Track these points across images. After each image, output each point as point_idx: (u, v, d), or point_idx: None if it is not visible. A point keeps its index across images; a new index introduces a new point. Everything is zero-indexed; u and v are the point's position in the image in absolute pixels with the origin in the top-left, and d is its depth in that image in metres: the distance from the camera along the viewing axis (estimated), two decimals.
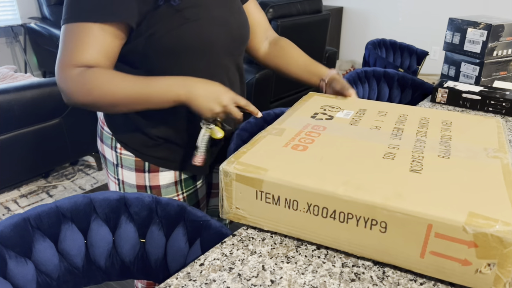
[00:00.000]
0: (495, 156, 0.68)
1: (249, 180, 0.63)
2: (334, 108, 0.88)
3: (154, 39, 0.79)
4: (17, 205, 2.21)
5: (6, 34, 3.87)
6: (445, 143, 0.72)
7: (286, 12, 2.67)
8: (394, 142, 0.72)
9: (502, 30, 1.39)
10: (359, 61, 4.42)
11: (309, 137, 0.73)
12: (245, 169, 0.63)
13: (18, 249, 0.66)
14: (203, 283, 0.57)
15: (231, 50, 0.90)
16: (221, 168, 0.64)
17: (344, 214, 0.58)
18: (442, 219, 0.52)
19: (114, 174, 0.97)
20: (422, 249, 0.55)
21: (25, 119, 2.10)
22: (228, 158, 0.67)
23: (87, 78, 0.74)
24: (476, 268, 0.52)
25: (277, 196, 0.62)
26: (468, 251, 0.52)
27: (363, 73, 1.51)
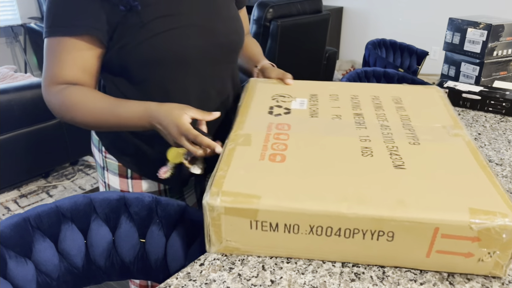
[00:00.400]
0: (455, 134, 0.73)
1: (242, 212, 0.57)
2: (285, 97, 0.84)
3: (125, 52, 0.77)
4: (17, 205, 2.21)
5: (6, 34, 3.87)
6: (408, 126, 0.75)
7: (286, 12, 2.67)
8: (362, 133, 0.73)
9: (502, 30, 1.39)
10: (359, 61, 4.41)
11: (279, 141, 0.69)
12: (235, 200, 0.57)
13: (18, 249, 0.66)
14: (203, 283, 0.57)
15: (218, 58, 0.86)
16: (205, 203, 0.57)
17: (350, 230, 0.56)
18: (448, 222, 0.54)
19: (102, 177, 0.97)
20: (428, 250, 0.57)
21: (25, 119, 2.10)
22: (207, 187, 0.59)
23: (64, 98, 0.77)
24: (478, 258, 0.56)
25: (275, 223, 0.57)
26: (471, 245, 0.55)
27: (363, 73, 1.51)
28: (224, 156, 0.66)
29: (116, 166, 0.92)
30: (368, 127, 0.74)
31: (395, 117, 0.78)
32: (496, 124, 1.13)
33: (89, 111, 0.77)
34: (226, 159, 0.65)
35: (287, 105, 0.81)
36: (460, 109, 1.24)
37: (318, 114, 0.79)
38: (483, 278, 0.58)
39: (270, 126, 0.74)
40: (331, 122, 0.76)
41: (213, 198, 0.57)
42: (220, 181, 0.59)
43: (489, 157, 0.93)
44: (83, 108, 0.76)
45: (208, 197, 0.57)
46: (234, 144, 0.68)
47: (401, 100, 0.86)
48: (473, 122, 1.14)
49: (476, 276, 0.59)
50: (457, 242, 0.55)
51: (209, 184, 0.60)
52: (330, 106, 0.81)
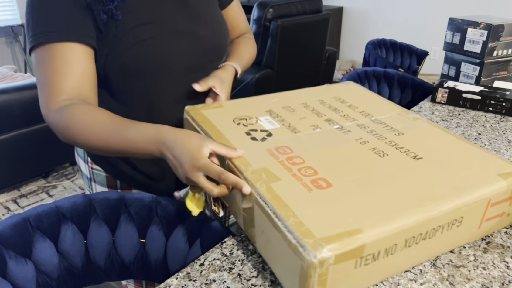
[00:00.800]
0: (414, 118, 0.80)
1: (350, 254, 0.49)
2: (247, 119, 0.77)
3: (109, 59, 0.74)
4: (17, 205, 2.21)
5: (6, 34, 3.87)
6: (377, 121, 0.78)
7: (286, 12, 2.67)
8: (353, 136, 0.72)
9: (502, 30, 1.39)
10: (359, 61, 4.41)
11: (299, 165, 0.63)
12: (341, 243, 0.48)
13: (18, 249, 0.66)
14: (203, 283, 0.57)
15: (202, 64, 0.84)
16: (310, 261, 0.47)
17: (434, 229, 0.57)
18: (496, 191, 0.61)
19: (89, 188, 0.94)
20: (481, 221, 0.63)
21: (25, 119, 2.10)
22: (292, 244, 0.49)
23: (66, 118, 0.68)
24: (508, 213, 0.66)
25: (378, 251, 0.52)
26: (505, 204, 0.64)
27: (363, 73, 1.51)
28: (268, 200, 0.55)
29: (104, 177, 0.89)
30: (351, 130, 0.74)
31: (359, 116, 0.80)
32: (496, 124, 1.13)
33: (95, 134, 0.67)
34: (275, 202, 0.54)
35: (259, 127, 0.74)
36: (460, 109, 1.24)
37: (297, 129, 0.75)
38: (483, 278, 0.58)
39: (272, 153, 0.66)
40: (320, 134, 0.73)
41: (318, 251, 0.47)
42: (303, 229, 0.50)
43: None
44: (88, 130, 0.67)
45: (309, 253, 0.47)
46: (262, 183, 0.58)
47: (344, 100, 0.88)
48: (473, 122, 1.14)
49: (476, 276, 0.59)
50: (498, 206, 0.63)
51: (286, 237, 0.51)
52: (297, 118, 0.78)
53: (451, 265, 0.61)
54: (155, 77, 0.78)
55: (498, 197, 0.61)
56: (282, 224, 0.51)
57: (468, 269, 0.60)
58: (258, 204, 0.57)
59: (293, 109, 0.82)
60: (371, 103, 0.87)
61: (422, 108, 1.24)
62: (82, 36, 0.70)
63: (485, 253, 0.63)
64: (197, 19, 0.82)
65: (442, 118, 1.16)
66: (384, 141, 0.70)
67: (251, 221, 0.61)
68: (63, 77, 0.69)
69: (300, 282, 0.50)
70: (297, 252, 0.48)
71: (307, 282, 0.48)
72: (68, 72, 0.69)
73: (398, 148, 0.68)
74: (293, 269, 0.50)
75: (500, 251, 0.64)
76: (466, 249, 0.64)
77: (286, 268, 0.53)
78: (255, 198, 0.57)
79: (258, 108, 0.82)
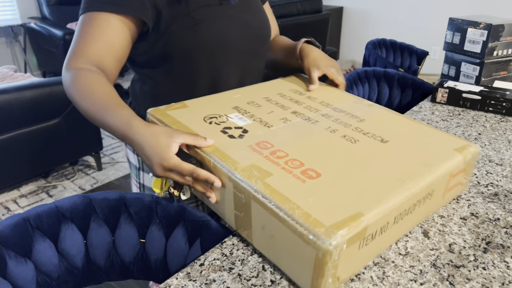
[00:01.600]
0: (369, 105, 0.87)
1: (356, 237, 0.52)
2: (217, 117, 0.77)
3: (173, 39, 0.79)
4: (17, 205, 2.21)
5: (6, 34, 3.87)
6: (338, 109, 0.83)
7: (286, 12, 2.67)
8: (322, 126, 0.76)
9: (502, 30, 1.39)
10: (359, 61, 4.41)
11: (285, 159, 0.64)
12: (349, 228, 0.51)
13: (18, 249, 0.66)
14: (203, 283, 0.57)
15: (251, 50, 0.89)
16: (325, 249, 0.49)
17: (414, 204, 0.62)
18: (455, 164, 0.68)
19: (136, 178, 0.97)
20: (445, 191, 0.70)
21: (25, 119, 2.10)
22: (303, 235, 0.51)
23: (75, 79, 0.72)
24: (462, 183, 0.75)
25: (375, 231, 0.56)
26: (461, 176, 0.72)
27: (363, 73, 1.51)
28: (268, 195, 0.56)
29: None
30: (319, 120, 0.78)
31: (320, 106, 0.85)
32: (496, 124, 1.13)
33: (86, 103, 0.70)
34: (275, 196, 0.56)
35: (232, 124, 0.74)
36: (460, 109, 1.24)
37: (269, 123, 0.75)
38: (483, 278, 0.58)
39: (254, 149, 0.66)
40: (292, 127, 0.74)
41: (332, 238, 0.49)
42: (311, 220, 0.51)
43: (489, 157, 0.93)
44: (82, 97, 0.71)
45: (324, 242, 0.49)
46: (257, 179, 0.59)
47: (301, 92, 0.92)
48: (473, 122, 1.14)
49: (476, 276, 0.59)
50: (457, 177, 0.71)
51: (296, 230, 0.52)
52: (265, 112, 0.79)
53: (451, 265, 0.61)
54: (211, 58, 0.83)
55: (457, 169, 0.69)
56: (289, 217, 0.53)
57: (468, 269, 0.60)
58: (256, 200, 0.57)
59: (258, 104, 0.83)
60: (326, 92, 0.92)
61: (422, 108, 1.24)
62: (124, 9, 0.74)
63: (485, 253, 0.63)
64: (246, 7, 0.88)
65: (442, 118, 1.16)
66: (350, 128, 0.75)
67: (247, 219, 0.61)
68: (89, 42, 0.74)
69: (314, 270, 0.51)
70: (310, 242, 0.50)
71: (322, 270, 0.50)
72: (95, 38, 0.73)
73: (365, 134, 0.74)
74: (305, 259, 0.52)
75: (500, 251, 0.64)
76: (466, 249, 0.64)
77: (296, 259, 0.54)
78: (252, 194, 0.57)
79: (224, 106, 0.82)
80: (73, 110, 2.27)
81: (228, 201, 0.64)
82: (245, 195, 0.59)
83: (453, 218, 0.71)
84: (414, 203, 0.62)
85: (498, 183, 0.82)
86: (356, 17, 4.38)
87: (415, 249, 0.63)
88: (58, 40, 3.46)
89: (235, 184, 0.61)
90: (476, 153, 0.73)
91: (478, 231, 0.68)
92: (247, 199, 0.59)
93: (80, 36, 0.74)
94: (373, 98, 1.55)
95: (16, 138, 2.11)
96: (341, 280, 0.55)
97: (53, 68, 3.82)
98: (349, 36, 4.52)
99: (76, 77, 0.72)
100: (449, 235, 0.67)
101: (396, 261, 0.61)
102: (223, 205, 0.66)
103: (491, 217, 0.72)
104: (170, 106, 0.80)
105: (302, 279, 0.54)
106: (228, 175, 0.61)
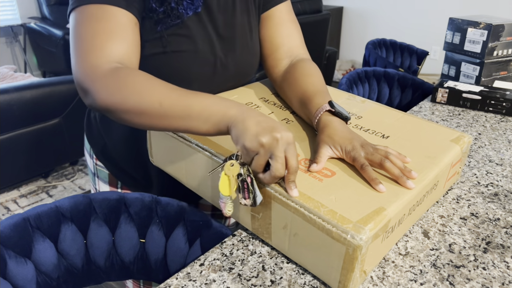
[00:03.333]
0: (362, 101, 0.87)
1: (381, 230, 0.53)
2: None
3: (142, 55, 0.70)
4: (17, 205, 2.21)
5: (6, 34, 3.87)
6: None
7: None
8: None
9: (502, 30, 1.39)
10: (359, 61, 4.41)
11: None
12: (375, 222, 0.52)
13: (18, 249, 0.66)
14: (203, 283, 0.57)
15: (223, 89, 0.82)
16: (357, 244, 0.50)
17: (424, 195, 0.64)
18: (454, 154, 0.70)
19: (93, 183, 0.95)
20: (446, 181, 0.73)
21: (25, 119, 2.10)
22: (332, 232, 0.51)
23: (124, 78, 0.59)
24: (457, 172, 0.78)
25: (394, 223, 0.57)
26: (458, 166, 0.75)
27: (363, 73, 1.51)
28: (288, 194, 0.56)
29: (106, 174, 0.90)
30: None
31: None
32: (496, 124, 1.13)
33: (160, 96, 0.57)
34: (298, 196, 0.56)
35: None
36: (460, 109, 1.24)
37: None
38: (483, 278, 0.58)
39: None
40: (295, 126, 0.75)
41: (361, 233, 0.50)
42: (338, 217, 0.52)
43: (489, 157, 0.93)
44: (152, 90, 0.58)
45: (354, 237, 0.50)
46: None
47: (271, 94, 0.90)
48: (473, 122, 1.14)
49: (476, 276, 0.59)
50: (455, 167, 0.74)
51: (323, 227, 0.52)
52: (266, 113, 0.79)
53: (451, 265, 0.61)
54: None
55: (455, 159, 0.72)
56: (315, 216, 0.53)
57: (468, 269, 0.60)
58: (277, 201, 0.57)
59: (257, 105, 0.82)
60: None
61: (422, 108, 1.24)
62: (134, 9, 0.65)
63: (485, 253, 0.63)
64: (231, 45, 0.78)
65: (442, 118, 1.16)
66: (351, 126, 0.76)
67: (266, 219, 0.61)
68: (116, 39, 0.61)
69: (343, 266, 0.52)
70: (340, 239, 0.51)
71: (352, 264, 0.51)
72: (121, 35, 0.62)
73: (366, 131, 0.74)
74: (334, 255, 0.53)
75: (500, 251, 0.64)
76: (466, 249, 0.64)
77: (323, 256, 0.54)
78: (273, 195, 0.58)
79: None
80: (73, 110, 2.27)
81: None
82: (264, 196, 0.59)
83: (453, 218, 0.71)
84: (424, 194, 0.64)
85: (498, 183, 0.82)
86: (356, 17, 4.38)
87: (415, 249, 0.63)
88: (58, 40, 3.46)
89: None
90: (469, 142, 0.76)
91: (478, 231, 0.68)
92: (267, 200, 0.59)
93: (98, 30, 0.61)
94: (373, 98, 1.55)
95: (16, 138, 2.11)
96: (366, 273, 0.56)
97: (53, 68, 3.82)
98: (349, 36, 4.52)
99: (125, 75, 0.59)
100: (449, 235, 0.67)
101: (396, 261, 0.61)
102: (237, 208, 0.65)
103: (491, 217, 0.72)
104: None
105: (331, 275, 0.55)
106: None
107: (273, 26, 0.84)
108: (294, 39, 0.84)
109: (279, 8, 0.84)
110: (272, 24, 0.84)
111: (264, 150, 0.53)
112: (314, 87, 0.73)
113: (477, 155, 0.94)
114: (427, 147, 0.70)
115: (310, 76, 0.76)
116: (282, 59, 0.83)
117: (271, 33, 0.84)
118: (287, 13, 0.85)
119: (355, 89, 1.46)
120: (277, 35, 0.83)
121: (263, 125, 0.54)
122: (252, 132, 0.53)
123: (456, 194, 0.78)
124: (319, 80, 0.76)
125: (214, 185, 0.67)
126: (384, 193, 0.58)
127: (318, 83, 0.75)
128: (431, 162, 0.66)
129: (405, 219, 0.61)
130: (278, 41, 0.83)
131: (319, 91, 0.72)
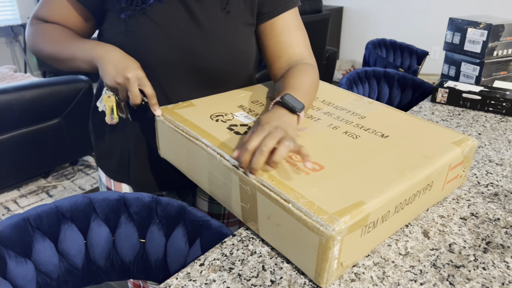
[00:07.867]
0: (369, 102, 0.88)
1: (358, 223, 0.54)
2: (223, 115, 0.78)
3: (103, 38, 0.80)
4: (17, 205, 2.21)
5: (6, 34, 3.87)
6: (339, 108, 0.84)
7: None
8: (324, 123, 0.77)
9: (502, 30, 1.39)
10: (359, 61, 4.41)
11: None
12: (351, 215, 0.53)
13: (18, 249, 0.66)
14: (203, 283, 0.57)
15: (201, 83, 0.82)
16: (328, 235, 0.51)
17: (414, 194, 0.64)
18: (454, 156, 0.70)
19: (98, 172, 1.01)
20: (444, 184, 0.72)
21: (25, 119, 2.10)
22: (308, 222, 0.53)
23: (37, 28, 0.81)
24: (460, 175, 0.77)
25: (377, 219, 0.58)
26: (460, 168, 0.74)
27: (363, 73, 1.51)
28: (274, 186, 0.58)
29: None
30: (321, 118, 0.79)
31: (322, 105, 0.86)
32: (496, 124, 1.13)
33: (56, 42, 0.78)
34: (281, 187, 0.58)
35: (238, 122, 0.75)
36: (460, 109, 1.24)
37: None
38: (483, 278, 0.58)
39: None
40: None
41: (335, 224, 0.51)
42: (315, 208, 0.54)
43: (489, 157, 0.93)
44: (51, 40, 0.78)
45: (327, 228, 0.51)
46: (262, 172, 0.61)
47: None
48: (473, 122, 1.14)
49: (476, 276, 0.59)
50: (455, 170, 0.73)
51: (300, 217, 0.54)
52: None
53: (451, 265, 0.61)
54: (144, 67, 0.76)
55: (455, 162, 0.71)
56: (293, 206, 0.55)
57: (468, 269, 0.60)
58: (262, 192, 0.59)
59: (262, 103, 0.84)
60: (327, 91, 0.93)
61: (422, 108, 1.24)
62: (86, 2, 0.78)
63: (485, 253, 0.63)
64: (203, 36, 0.78)
65: (442, 118, 1.16)
66: (352, 125, 0.77)
67: (253, 210, 0.63)
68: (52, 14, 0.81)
69: (318, 256, 0.54)
70: (314, 229, 0.53)
71: (326, 255, 0.53)
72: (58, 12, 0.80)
73: (366, 130, 0.75)
74: (309, 246, 0.54)
75: (500, 251, 0.64)
76: (466, 249, 0.64)
77: (301, 246, 0.56)
78: (258, 186, 0.60)
79: (229, 104, 0.83)
80: (73, 110, 2.27)
81: (235, 193, 0.66)
82: (250, 187, 0.61)
83: (453, 218, 0.71)
84: (414, 193, 0.63)
85: (498, 183, 0.82)
86: (356, 17, 4.38)
87: (415, 249, 0.63)
88: None
89: (241, 177, 0.62)
90: (474, 146, 0.74)
91: (478, 231, 0.68)
92: (252, 191, 0.61)
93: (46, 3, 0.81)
94: (373, 98, 1.55)
95: (16, 138, 2.11)
96: (344, 266, 0.57)
97: (53, 68, 3.82)
98: (349, 36, 4.52)
99: (39, 28, 0.80)
100: (449, 235, 0.67)
101: (396, 261, 0.61)
102: (229, 198, 0.68)
103: (491, 217, 0.72)
104: (178, 105, 0.82)
105: (307, 265, 0.56)
106: (234, 169, 0.63)
107: (274, 36, 0.84)
108: (295, 47, 0.84)
109: (283, 17, 0.83)
110: (275, 34, 0.84)
111: (120, 87, 0.71)
112: (290, 85, 0.75)
113: (477, 155, 0.94)
114: (425, 148, 0.70)
115: (294, 77, 0.77)
116: (282, 69, 0.85)
117: (272, 43, 0.84)
118: (291, 21, 0.84)
119: (355, 89, 1.46)
120: (278, 45, 0.84)
121: (118, 67, 0.70)
122: (109, 73, 0.71)
123: (456, 194, 0.78)
124: (302, 80, 0.77)
125: (211, 180, 0.70)
126: (368, 187, 0.58)
127: (299, 82, 0.75)
128: (426, 162, 0.66)
129: (390, 216, 0.60)
130: (278, 52, 0.84)
131: (293, 88, 0.73)
